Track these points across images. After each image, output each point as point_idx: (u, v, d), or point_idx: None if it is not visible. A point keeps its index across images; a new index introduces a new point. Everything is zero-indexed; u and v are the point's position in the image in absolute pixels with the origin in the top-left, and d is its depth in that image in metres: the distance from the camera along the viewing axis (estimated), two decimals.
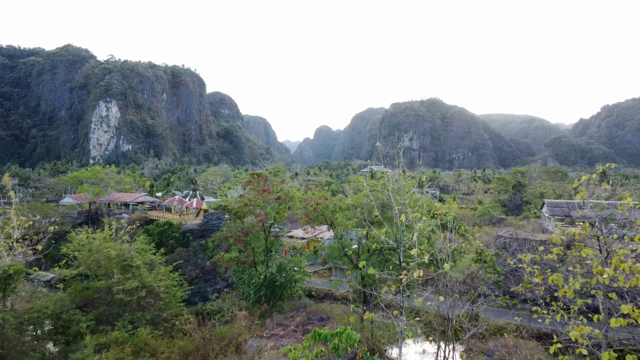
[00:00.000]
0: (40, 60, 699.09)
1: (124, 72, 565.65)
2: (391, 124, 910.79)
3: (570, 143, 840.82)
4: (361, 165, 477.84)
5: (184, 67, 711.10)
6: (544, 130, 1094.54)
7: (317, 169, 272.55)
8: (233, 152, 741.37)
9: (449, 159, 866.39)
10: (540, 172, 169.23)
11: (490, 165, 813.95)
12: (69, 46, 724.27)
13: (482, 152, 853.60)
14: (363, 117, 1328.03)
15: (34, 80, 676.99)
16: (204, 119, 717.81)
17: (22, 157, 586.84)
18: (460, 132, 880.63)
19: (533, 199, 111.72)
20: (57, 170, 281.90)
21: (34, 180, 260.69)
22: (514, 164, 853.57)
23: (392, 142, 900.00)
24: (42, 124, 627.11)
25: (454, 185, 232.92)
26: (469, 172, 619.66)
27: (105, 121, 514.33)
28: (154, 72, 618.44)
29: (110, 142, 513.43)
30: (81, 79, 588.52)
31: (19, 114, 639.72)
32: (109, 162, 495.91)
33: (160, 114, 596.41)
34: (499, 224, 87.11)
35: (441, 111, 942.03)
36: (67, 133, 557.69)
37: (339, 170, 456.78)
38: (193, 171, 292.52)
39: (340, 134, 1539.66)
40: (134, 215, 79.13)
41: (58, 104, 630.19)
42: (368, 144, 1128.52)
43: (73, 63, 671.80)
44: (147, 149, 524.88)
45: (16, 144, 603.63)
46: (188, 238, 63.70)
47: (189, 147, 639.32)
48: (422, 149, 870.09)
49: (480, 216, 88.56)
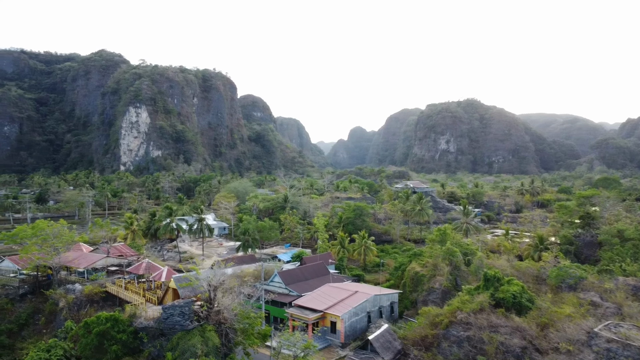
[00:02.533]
0: (75, 65, 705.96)
1: (154, 77, 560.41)
2: (427, 125, 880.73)
3: (618, 145, 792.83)
4: (395, 172, 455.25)
5: (215, 71, 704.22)
6: (587, 131, 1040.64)
7: (347, 181, 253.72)
8: (265, 156, 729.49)
9: (488, 162, 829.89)
10: (603, 195, 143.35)
11: (532, 169, 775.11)
12: (103, 51, 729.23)
13: (523, 155, 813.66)
14: (397, 119, 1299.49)
15: (69, 85, 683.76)
16: (235, 123, 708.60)
17: (56, 162, 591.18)
18: (499, 133, 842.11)
19: (610, 239, 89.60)
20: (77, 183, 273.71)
21: (53, 192, 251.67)
22: (557, 167, 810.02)
23: (428, 144, 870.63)
24: (76, 129, 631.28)
25: (499, 202, 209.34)
26: (510, 177, 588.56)
27: (135, 127, 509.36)
28: (184, 77, 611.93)
29: (140, 148, 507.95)
30: (112, 84, 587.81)
31: (54, 119, 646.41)
32: (139, 169, 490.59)
33: (190, 119, 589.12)
34: (577, 286, 66.24)
35: (479, 112, 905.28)
36: (100, 138, 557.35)
37: (372, 178, 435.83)
38: (217, 182, 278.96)
39: (375, 135, 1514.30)
40: (88, 287, 62.34)
41: (92, 109, 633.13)
42: (403, 146, 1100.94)
43: (106, 68, 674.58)
44: (177, 154, 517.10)
45: (51, 149, 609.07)
46: (142, 339, 46.38)
47: (219, 152, 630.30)
48: (459, 151, 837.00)
49: (556, 278, 67.71)
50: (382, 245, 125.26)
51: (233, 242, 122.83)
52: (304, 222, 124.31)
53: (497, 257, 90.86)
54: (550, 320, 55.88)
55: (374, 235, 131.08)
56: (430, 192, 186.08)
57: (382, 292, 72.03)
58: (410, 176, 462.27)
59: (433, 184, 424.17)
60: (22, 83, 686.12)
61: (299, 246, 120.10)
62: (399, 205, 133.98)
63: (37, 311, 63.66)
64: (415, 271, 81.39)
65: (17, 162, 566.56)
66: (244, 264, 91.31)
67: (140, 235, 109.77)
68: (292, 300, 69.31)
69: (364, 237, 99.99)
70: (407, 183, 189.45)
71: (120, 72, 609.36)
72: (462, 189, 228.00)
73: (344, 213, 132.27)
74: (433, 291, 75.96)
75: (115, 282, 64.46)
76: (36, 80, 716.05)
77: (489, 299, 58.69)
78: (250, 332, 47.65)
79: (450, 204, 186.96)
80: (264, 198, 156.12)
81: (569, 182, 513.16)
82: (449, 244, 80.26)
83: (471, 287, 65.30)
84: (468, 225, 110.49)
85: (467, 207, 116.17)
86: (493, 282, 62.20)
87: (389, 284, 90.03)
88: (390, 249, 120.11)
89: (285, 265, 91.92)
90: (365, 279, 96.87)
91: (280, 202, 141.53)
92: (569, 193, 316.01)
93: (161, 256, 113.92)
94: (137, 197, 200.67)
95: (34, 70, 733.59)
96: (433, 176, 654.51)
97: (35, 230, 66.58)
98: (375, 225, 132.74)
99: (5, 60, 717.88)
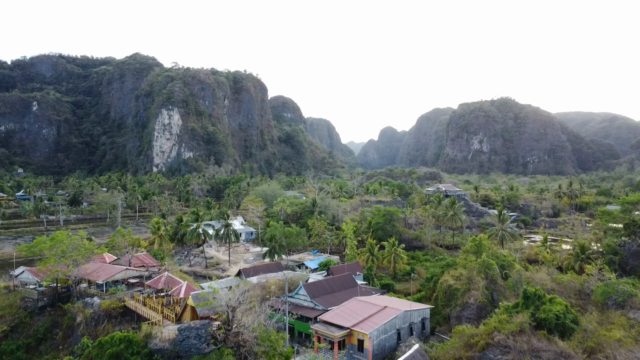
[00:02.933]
0: (110, 69, 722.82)
1: (186, 80, 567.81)
2: (459, 125, 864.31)
3: None
4: (427, 174, 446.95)
5: (246, 72, 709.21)
6: (627, 130, 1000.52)
7: (377, 183, 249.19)
8: (294, 157, 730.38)
9: (522, 162, 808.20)
10: None
11: (569, 169, 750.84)
12: (137, 54, 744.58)
13: (559, 155, 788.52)
14: (429, 118, 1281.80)
15: (104, 88, 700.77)
16: (265, 124, 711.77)
17: (92, 164, 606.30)
18: (534, 133, 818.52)
19: None
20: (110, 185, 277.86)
21: (87, 195, 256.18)
22: (595, 167, 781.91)
23: (460, 144, 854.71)
24: (111, 131, 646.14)
25: (535, 205, 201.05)
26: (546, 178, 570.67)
27: (167, 129, 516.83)
28: (215, 79, 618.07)
29: (172, 149, 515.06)
30: (146, 86, 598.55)
31: (90, 122, 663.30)
32: (171, 170, 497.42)
33: (221, 120, 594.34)
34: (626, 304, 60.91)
35: (514, 111, 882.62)
36: (133, 140, 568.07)
37: (402, 180, 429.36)
38: (246, 185, 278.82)
39: (405, 135, 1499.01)
40: (105, 302, 60.23)
41: (126, 111, 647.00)
42: (434, 146, 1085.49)
43: (140, 71, 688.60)
44: (208, 156, 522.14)
45: (87, 150, 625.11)
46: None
47: (250, 153, 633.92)
48: (492, 152, 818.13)
49: (602, 295, 62.56)
50: (412, 251, 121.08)
51: (260, 248, 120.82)
52: (332, 228, 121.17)
53: (536, 268, 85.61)
54: (597, 344, 50.96)
55: (404, 241, 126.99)
56: (463, 196, 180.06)
57: (412, 308, 68.13)
58: (442, 177, 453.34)
59: (465, 186, 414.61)
60: (59, 87, 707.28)
61: (327, 252, 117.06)
62: (430, 210, 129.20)
63: (56, 325, 62.41)
64: (449, 284, 77.05)
65: (55, 163, 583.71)
66: (269, 272, 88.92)
67: (167, 240, 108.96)
68: (318, 315, 66.20)
69: (394, 244, 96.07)
70: (438, 186, 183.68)
71: (153, 75, 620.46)
72: (496, 192, 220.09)
73: (374, 218, 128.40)
74: (467, 307, 71.52)
75: (134, 296, 62.63)
76: (73, 84, 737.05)
77: (529, 320, 54.10)
78: (272, 354, 44.89)
79: (484, 208, 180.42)
80: (292, 202, 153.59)
81: (608, 183, 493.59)
82: (485, 256, 75.66)
83: (509, 305, 60.73)
84: (504, 232, 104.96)
85: (503, 213, 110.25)
86: (534, 301, 57.47)
87: (419, 295, 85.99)
88: (421, 255, 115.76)
89: (311, 275, 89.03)
90: (395, 288, 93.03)
91: (308, 207, 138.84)
92: (609, 195, 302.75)
93: (188, 261, 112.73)
94: (167, 199, 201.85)
95: (71, 74, 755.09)
96: (465, 177, 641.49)
97: (54, 242, 65.47)
98: (406, 230, 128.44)
99: (45, 65, 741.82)
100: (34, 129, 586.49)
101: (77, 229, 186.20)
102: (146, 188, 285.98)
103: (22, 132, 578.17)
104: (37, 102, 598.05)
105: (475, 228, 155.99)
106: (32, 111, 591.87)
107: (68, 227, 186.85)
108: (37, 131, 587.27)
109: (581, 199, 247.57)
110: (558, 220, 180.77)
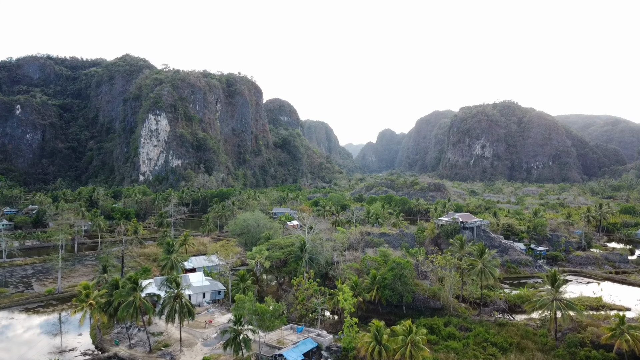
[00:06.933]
0: (99, 71, 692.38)
1: (175, 83, 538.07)
2: (461, 129, 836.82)
3: None
4: (430, 185, 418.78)
5: (240, 75, 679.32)
6: (631, 133, 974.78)
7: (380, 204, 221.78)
8: (290, 162, 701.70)
9: (526, 168, 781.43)
10: None
11: (574, 175, 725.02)
12: (127, 56, 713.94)
13: (564, 161, 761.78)
14: (429, 121, 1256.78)
15: (93, 91, 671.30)
16: (260, 129, 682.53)
17: (78, 170, 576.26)
18: (539, 138, 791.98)
19: None
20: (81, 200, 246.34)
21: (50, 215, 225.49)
22: (600, 173, 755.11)
23: (462, 149, 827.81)
24: (99, 136, 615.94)
25: (567, 236, 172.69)
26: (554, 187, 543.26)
27: (154, 135, 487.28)
28: (207, 82, 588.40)
29: (160, 157, 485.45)
30: (135, 90, 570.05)
31: (77, 126, 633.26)
32: (158, 179, 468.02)
33: (213, 125, 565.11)
34: None
35: (517, 115, 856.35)
36: (121, 146, 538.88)
37: (405, 191, 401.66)
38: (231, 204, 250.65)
39: (404, 138, 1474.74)
40: None
41: (115, 115, 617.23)
42: (434, 150, 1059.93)
43: (130, 73, 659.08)
44: (198, 163, 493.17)
45: (73, 156, 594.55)
46: None
47: (243, 159, 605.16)
48: (495, 157, 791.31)
49: None
50: (429, 317, 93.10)
51: (229, 315, 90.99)
52: (325, 290, 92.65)
53: None
54: None
55: (418, 301, 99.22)
56: (482, 227, 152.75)
57: None
58: (446, 189, 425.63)
59: (471, 198, 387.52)
60: (47, 89, 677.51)
61: (316, 325, 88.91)
62: (452, 261, 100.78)
63: None
64: None
65: (39, 170, 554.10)
66: None
67: (98, 311, 79.89)
68: None
69: (410, 330, 68.12)
70: (454, 215, 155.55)
71: (142, 77, 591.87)
72: (519, 219, 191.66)
73: (379, 270, 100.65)
74: None
75: None
76: (62, 86, 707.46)
77: None
78: None
79: (508, 242, 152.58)
80: (275, 244, 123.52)
81: (619, 192, 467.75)
82: None
83: None
84: (559, 303, 76.54)
85: (559, 277, 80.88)
86: None
87: None
88: (442, 325, 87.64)
89: None
90: None
91: (295, 252, 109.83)
92: (634, 214, 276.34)
93: (128, 339, 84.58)
94: (133, 227, 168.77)
95: (60, 76, 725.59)
96: (469, 185, 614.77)
97: None
98: (419, 284, 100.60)
99: (32, 67, 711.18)
100: (17, 133, 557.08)
101: (21, 266, 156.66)
102: (121, 205, 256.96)
103: (4, 137, 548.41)
104: (20, 105, 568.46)
105: (501, 267, 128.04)
106: (15, 115, 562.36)
107: (12, 263, 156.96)
108: (20, 136, 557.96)
109: (606, 219, 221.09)
110: (595, 255, 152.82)
